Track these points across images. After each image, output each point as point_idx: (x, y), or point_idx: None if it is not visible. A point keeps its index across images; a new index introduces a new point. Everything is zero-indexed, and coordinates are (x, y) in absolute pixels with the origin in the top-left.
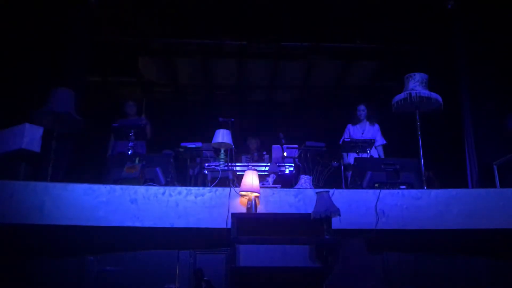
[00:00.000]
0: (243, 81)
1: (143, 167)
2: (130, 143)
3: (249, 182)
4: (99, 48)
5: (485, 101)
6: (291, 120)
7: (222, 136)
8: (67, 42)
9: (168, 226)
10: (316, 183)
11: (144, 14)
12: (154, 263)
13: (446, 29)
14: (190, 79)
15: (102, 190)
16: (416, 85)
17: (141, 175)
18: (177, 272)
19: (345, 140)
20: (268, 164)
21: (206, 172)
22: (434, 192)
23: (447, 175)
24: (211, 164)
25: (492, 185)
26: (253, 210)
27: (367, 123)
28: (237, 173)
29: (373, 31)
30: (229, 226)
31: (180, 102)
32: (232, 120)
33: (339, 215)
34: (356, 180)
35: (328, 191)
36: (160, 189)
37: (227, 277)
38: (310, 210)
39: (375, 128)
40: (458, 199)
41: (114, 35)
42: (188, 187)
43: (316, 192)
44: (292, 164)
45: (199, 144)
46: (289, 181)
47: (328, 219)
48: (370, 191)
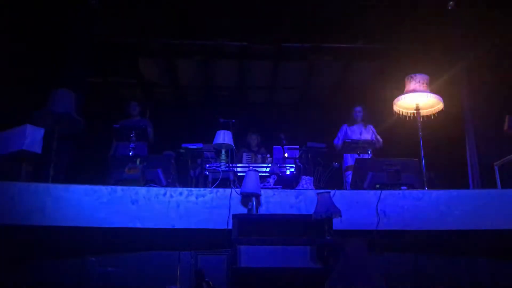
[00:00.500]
0: (244, 82)
1: (144, 168)
2: (131, 144)
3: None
4: (99, 48)
5: (486, 101)
6: (292, 121)
7: (223, 137)
8: (67, 43)
9: (169, 227)
10: (317, 184)
11: (145, 15)
12: (155, 264)
13: (446, 30)
14: (191, 80)
15: (103, 191)
16: (417, 85)
17: (142, 176)
18: (178, 273)
19: (346, 141)
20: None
21: (207, 173)
22: (435, 192)
23: (448, 175)
24: (212, 165)
25: (493, 185)
26: (254, 211)
27: (362, 124)
28: (238, 174)
29: (374, 32)
30: (230, 227)
31: (181, 103)
32: (233, 121)
33: (340, 216)
34: (357, 181)
35: (329, 192)
36: (161, 190)
37: (228, 278)
38: (311, 211)
39: (371, 128)
40: (459, 199)
41: (114, 36)
42: (189, 188)
43: (317, 193)
44: (293, 165)
45: (200, 145)
46: (290, 182)
47: (329, 220)
48: (371, 192)
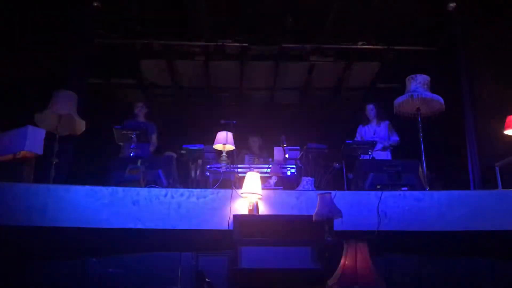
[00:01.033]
0: (244, 83)
1: (145, 169)
2: (132, 145)
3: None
4: (101, 50)
5: (487, 102)
6: (293, 121)
7: (224, 138)
8: (69, 45)
9: (170, 228)
10: (317, 185)
11: (146, 17)
12: (156, 265)
13: (447, 30)
14: (192, 81)
15: (104, 192)
16: (418, 86)
17: (143, 177)
18: (179, 274)
19: (347, 142)
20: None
21: (208, 174)
22: (436, 193)
23: (449, 176)
24: (213, 166)
25: (494, 186)
26: (255, 212)
27: (375, 122)
28: (239, 174)
29: (375, 33)
30: (231, 227)
31: (182, 104)
32: (234, 122)
33: (341, 216)
34: (358, 181)
35: (330, 193)
36: (162, 191)
37: (229, 278)
38: (312, 212)
39: (385, 125)
40: (460, 200)
41: (116, 37)
42: (190, 189)
43: (318, 194)
44: (294, 166)
45: (201, 146)
46: (291, 183)
47: (330, 221)
48: (372, 193)
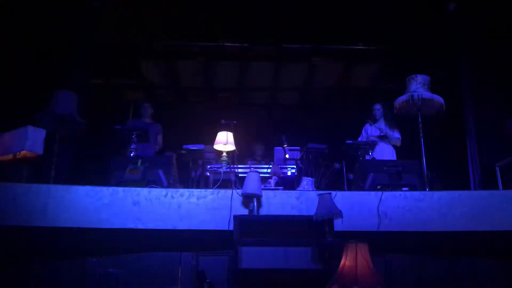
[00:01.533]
0: (245, 83)
1: (145, 169)
2: (132, 145)
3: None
4: (101, 50)
5: (487, 102)
6: (293, 122)
7: (224, 138)
8: (70, 45)
9: (171, 228)
10: (318, 185)
11: (147, 17)
12: (157, 265)
13: (448, 31)
14: (192, 81)
15: (105, 192)
16: (418, 87)
17: (143, 177)
18: (179, 274)
19: (347, 142)
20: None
21: (208, 174)
22: (436, 194)
23: (449, 177)
24: (213, 166)
25: (494, 187)
26: (255, 212)
27: (383, 122)
28: (239, 175)
29: (375, 33)
30: (231, 228)
31: (182, 104)
32: (234, 122)
33: (341, 217)
34: (358, 182)
35: (330, 193)
36: (163, 191)
37: (229, 279)
38: (312, 212)
39: (393, 125)
40: (460, 201)
41: (116, 38)
42: (190, 189)
43: (318, 194)
44: (294, 166)
45: (201, 146)
46: (291, 183)
47: (330, 221)
48: (372, 193)
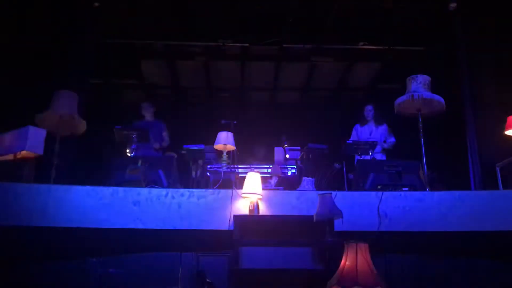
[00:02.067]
0: (245, 83)
1: (145, 169)
2: (133, 145)
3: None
4: (102, 50)
5: (487, 102)
6: (293, 122)
7: (225, 138)
8: (70, 45)
9: (171, 228)
10: (318, 185)
11: (147, 17)
12: (157, 265)
13: (448, 31)
14: (192, 81)
15: (105, 192)
16: (418, 87)
17: (143, 177)
18: (179, 274)
19: (347, 142)
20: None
21: (208, 174)
22: (437, 194)
23: (449, 177)
24: (213, 166)
25: (495, 187)
26: (255, 212)
27: (373, 123)
28: (240, 175)
29: (375, 33)
30: (231, 228)
31: (183, 104)
32: (235, 122)
33: (342, 217)
34: (358, 182)
35: (331, 193)
36: (163, 191)
37: (229, 279)
38: (312, 212)
39: (383, 128)
40: (461, 201)
41: (117, 38)
42: (190, 189)
43: (319, 194)
44: (295, 166)
45: (201, 146)
46: (292, 183)
47: (330, 221)
48: (373, 193)
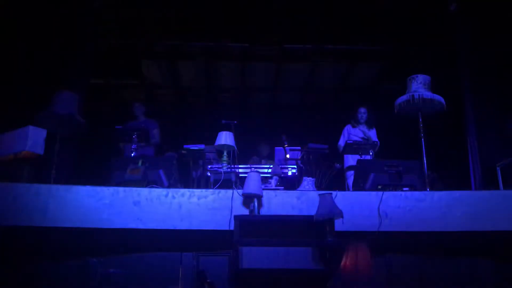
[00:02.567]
0: (246, 83)
1: (146, 169)
2: (133, 145)
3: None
4: (102, 50)
5: (488, 102)
6: (293, 122)
7: (225, 138)
8: (70, 45)
9: (171, 228)
10: (318, 185)
11: (148, 17)
12: (157, 265)
13: (449, 31)
14: (193, 82)
15: (105, 192)
16: (419, 87)
17: (144, 177)
18: (180, 274)
19: (348, 142)
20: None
21: (209, 174)
22: (437, 194)
23: (450, 177)
24: (214, 166)
25: (495, 187)
26: (255, 212)
27: (365, 126)
28: (240, 175)
29: (376, 33)
30: (232, 228)
31: (183, 104)
32: (235, 122)
33: (342, 217)
34: (358, 182)
35: (331, 193)
36: (163, 191)
37: (229, 279)
38: (313, 212)
39: (373, 132)
40: (461, 201)
41: (117, 38)
42: (191, 189)
43: (319, 194)
44: (295, 166)
45: (202, 146)
46: (292, 183)
47: (331, 221)
48: (373, 193)
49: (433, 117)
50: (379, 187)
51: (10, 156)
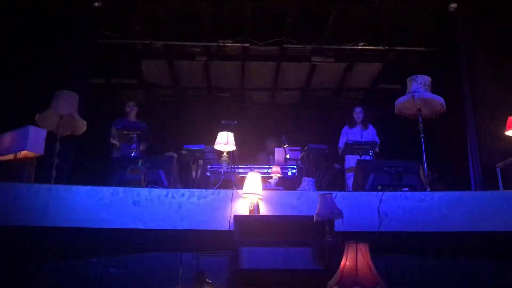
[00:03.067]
0: (245, 83)
1: (146, 169)
2: (133, 145)
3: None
4: (102, 50)
5: (487, 102)
6: (293, 122)
7: (225, 138)
8: (70, 45)
9: (171, 228)
10: (318, 185)
11: (147, 17)
12: (157, 265)
13: (449, 31)
14: (193, 81)
15: (105, 192)
16: (419, 87)
17: (144, 177)
18: (180, 274)
19: (348, 142)
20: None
21: (208, 174)
22: (437, 194)
23: (450, 177)
24: (213, 166)
25: (495, 187)
26: (255, 212)
27: (361, 126)
28: (240, 175)
29: (376, 33)
30: (231, 228)
31: (183, 104)
32: (235, 122)
33: (342, 217)
34: (358, 182)
35: (331, 193)
36: (163, 191)
37: (229, 279)
38: (312, 213)
39: (371, 131)
40: (461, 201)
41: (117, 37)
42: (190, 189)
43: (319, 194)
44: (295, 166)
45: (201, 147)
46: (292, 183)
47: (330, 222)
48: (373, 194)
49: (433, 118)
50: (379, 187)
51: (10, 156)
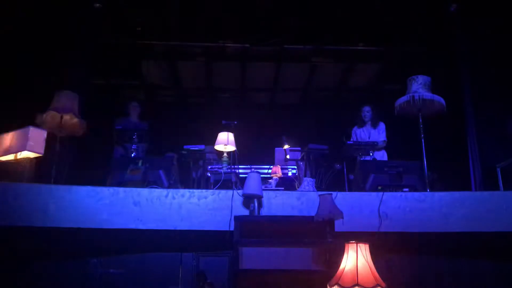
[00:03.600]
0: (245, 83)
1: (146, 169)
2: (133, 146)
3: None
4: (103, 51)
5: (488, 103)
6: (294, 122)
7: (225, 138)
8: (71, 45)
9: (171, 228)
10: (319, 186)
11: (148, 18)
12: (157, 266)
13: (449, 32)
14: (193, 82)
15: (106, 192)
16: (419, 87)
17: (144, 177)
18: (180, 275)
19: (348, 143)
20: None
21: (209, 174)
22: (437, 194)
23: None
24: (214, 166)
25: (495, 187)
26: (256, 213)
27: (370, 124)
28: (240, 175)
29: (376, 34)
30: (232, 228)
31: (183, 104)
32: (235, 122)
33: (342, 217)
34: (359, 182)
35: (331, 194)
36: (163, 191)
37: (229, 279)
38: (313, 213)
39: (380, 128)
40: (461, 201)
41: (117, 38)
42: (191, 190)
43: (319, 195)
44: (295, 167)
45: (202, 147)
46: (292, 184)
47: (331, 222)
48: (373, 194)
49: (433, 118)
50: (379, 187)
51: (11, 157)
